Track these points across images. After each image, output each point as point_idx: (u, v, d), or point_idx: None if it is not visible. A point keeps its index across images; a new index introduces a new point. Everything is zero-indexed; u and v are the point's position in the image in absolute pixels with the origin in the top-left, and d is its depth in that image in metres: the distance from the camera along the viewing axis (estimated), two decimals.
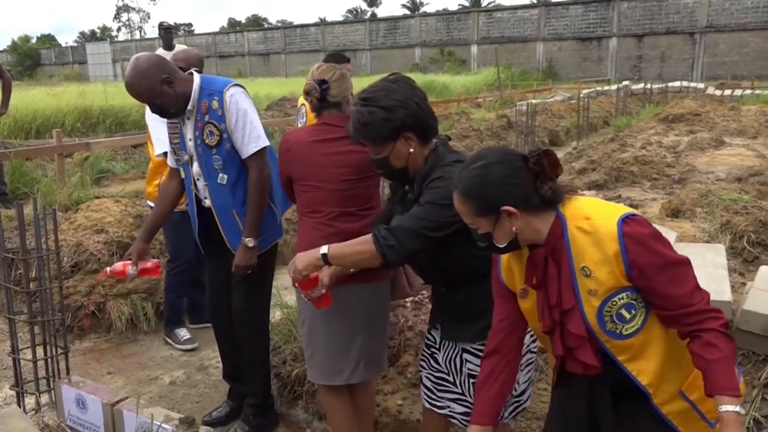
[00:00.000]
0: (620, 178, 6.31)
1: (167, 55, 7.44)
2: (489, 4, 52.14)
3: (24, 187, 6.56)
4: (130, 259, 2.76)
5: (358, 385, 2.47)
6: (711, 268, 3.14)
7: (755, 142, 8.43)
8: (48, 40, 66.00)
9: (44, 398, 3.02)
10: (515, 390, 2.09)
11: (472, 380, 2.06)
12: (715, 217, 4.09)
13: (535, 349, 2.14)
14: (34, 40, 62.03)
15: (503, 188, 1.54)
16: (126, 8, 76.62)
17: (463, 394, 2.12)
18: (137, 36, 70.01)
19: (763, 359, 2.85)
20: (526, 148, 9.01)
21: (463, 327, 2.04)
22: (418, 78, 24.46)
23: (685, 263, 1.52)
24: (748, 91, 17.73)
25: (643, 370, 1.56)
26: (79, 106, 11.33)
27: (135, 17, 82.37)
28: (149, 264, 2.83)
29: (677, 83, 20.67)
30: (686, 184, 5.65)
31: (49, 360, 2.98)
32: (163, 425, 2.44)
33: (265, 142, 2.67)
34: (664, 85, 20.35)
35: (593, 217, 1.55)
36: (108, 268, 2.78)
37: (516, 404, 2.14)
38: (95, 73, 46.32)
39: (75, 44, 60.79)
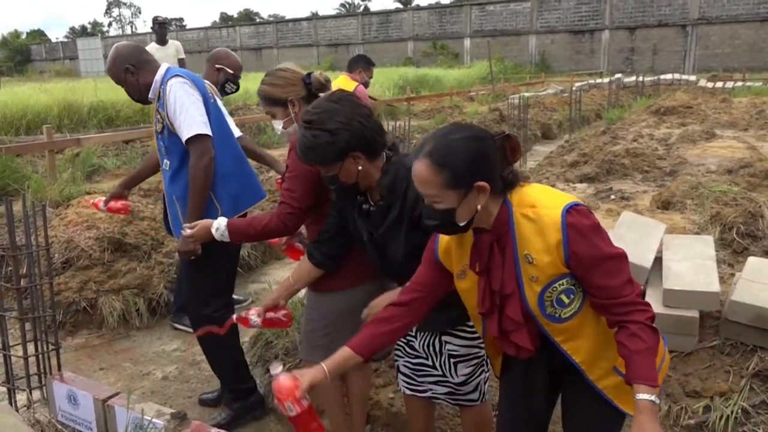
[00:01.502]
0: (612, 170, 6.32)
1: (161, 50, 7.43)
2: None
3: (14, 184, 6.53)
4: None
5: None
6: (700, 260, 3.16)
7: (746, 134, 8.47)
8: (38, 35, 65.47)
9: (36, 394, 3.02)
10: (454, 377, 2.15)
11: (452, 360, 2.13)
12: (705, 208, 4.12)
13: (483, 346, 2.12)
14: (24, 36, 61.48)
15: (479, 163, 1.54)
16: (117, 3, 76.18)
17: (444, 375, 2.18)
18: (128, 31, 69.73)
19: (751, 349, 2.89)
20: (519, 141, 9.02)
21: (438, 316, 2.05)
22: (411, 72, 24.49)
23: (621, 257, 1.58)
24: (740, 83, 17.78)
25: (578, 349, 1.64)
26: (69, 101, 11.24)
27: (126, 12, 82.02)
28: (119, 204, 3.23)
29: (669, 76, 20.68)
30: (677, 176, 5.67)
31: (40, 356, 2.98)
32: (154, 420, 2.45)
33: (199, 129, 2.73)
34: (656, 77, 20.40)
35: (538, 205, 1.58)
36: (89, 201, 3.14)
37: (452, 389, 2.19)
38: (86, 68, 45.95)
39: (66, 40, 60.43)
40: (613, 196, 5.16)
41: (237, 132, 3.71)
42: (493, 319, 1.68)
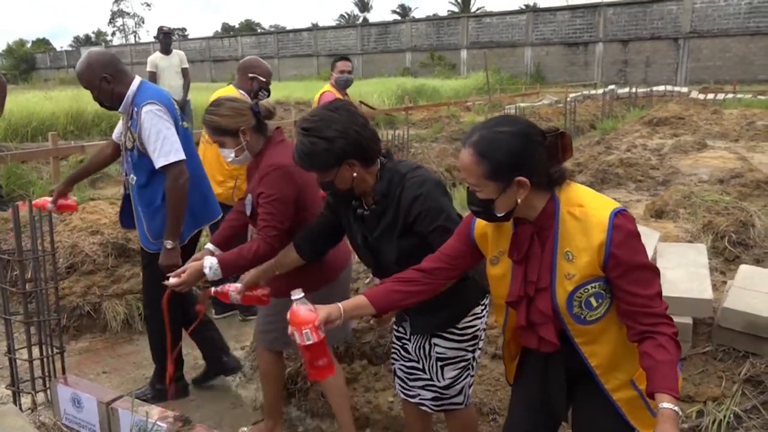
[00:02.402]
0: (606, 179, 6.40)
1: (165, 59, 7.52)
2: (478, 9, 52.36)
3: (20, 190, 6.56)
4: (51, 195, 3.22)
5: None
6: (693, 267, 3.22)
7: (737, 144, 8.57)
8: (43, 44, 65.37)
9: (40, 397, 3.04)
10: (440, 380, 2.18)
11: (440, 363, 2.17)
12: (698, 217, 4.18)
13: (471, 349, 2.20)
14: (29, 45, 61.43)
15: (522, 158, 1.55)
16: (121, 13, 76.15)
17: (431, 379, 2.21)
18: (132, 40, 69.67)
19: (743, 355, 2.94)
20: None
21: (429, 319, 2.13)
22: (409, 82, 24.58)
23: (655, 271, 1.60)
24: (730, 95, 17.97)
25: (596, 353, 1.66)
26: (73, 109, 11.28)
27: (129, 22, 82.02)
28: (69, 201, 3.29)
29: (662, 87, 20.84)
30: (670, 185, 5.75)
31: (45, 360, 3.00)
32: (158, 423, 2.47)
33: (176, 156, 2.89)
34: (648, 89, 20.55)
35: (586, 205, 1.60)
36: (19, 203, 3.05)
37: (438, 394, 2.21)
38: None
39: (70, 48, 60.34)
40: None
41: None
42: (521, 309, 1.69)
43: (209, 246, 2.63)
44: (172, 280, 2.48)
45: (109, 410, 2.69)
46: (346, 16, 68.76)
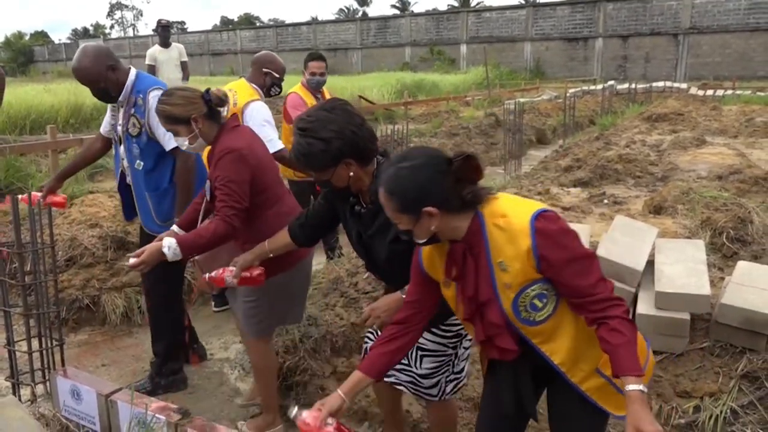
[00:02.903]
0: (605, 175, 6.40)
1: (164, 53, 7.48)
2: (477, 4, 52.21)
3: (18, 183, 6.54)
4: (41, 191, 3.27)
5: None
6: (691, 263, 3.23)
7: (735, 141, 8.58)
8: (41, 37, 65.16)
9: (39, 389, 3.05)
10: (417, 368, 2.24)
11: (420, 353, 2.23)
12: (696, 213, 4.19)
13: (452, 345, 2.24)
14: (27, 37, 61.23)
15: (426, 190, 1.62)
16: (119, 6, 75.81)
17: (409, 365, 2.27)
18: (130, 33, 69.49)
19: (740, 351, 2.95)
20: (514, 146, 9.11)
21: None
22: (408, 76, 24.54)
23: (591, 257, 1.65)
24: (730, 92, 17.94)
25: (556, 351, 1.70)
26: (72, 102, 11.27)
27: (128, 15, 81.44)
28: (58, 198, 3.34)
29: (661, 83, 20.84)
30: (668, 181, 5.75)
31: (44, 352, 3.01)
32: (157, 415, 2.48)
33: None
34: (648, 85, 20.54)
35: (509, 214, 1.65)
36: (20, 197, 3.07)
37: (456, 380, 2.30)
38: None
39: (68, 41, 60.11)
40: (606, 201, 5.23)
41: (278, 145, 3.78)
42: (477, 325, 1.76)
43: (174, 228, 2.71)
44: (132, 260, 2.54)
45: (108, 402, 2.70)
46: (346, 10, 68.57)
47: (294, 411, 1.84)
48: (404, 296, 2.06)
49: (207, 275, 2.56)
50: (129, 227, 4.57)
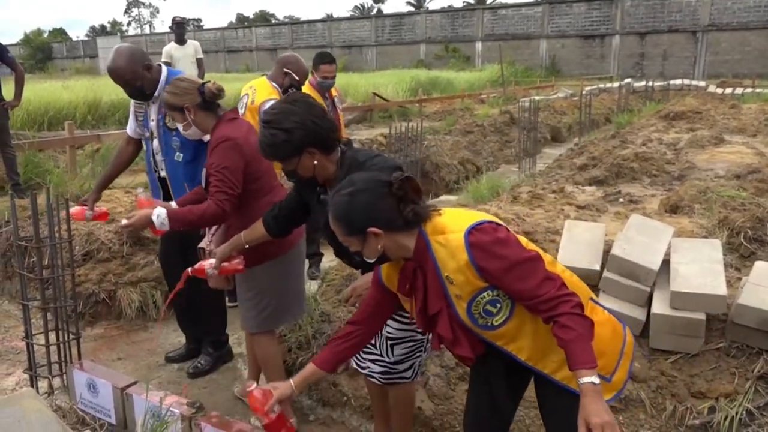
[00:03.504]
0: (620, 174, 6.33)
1: (180, 50, 7.56)
2: (493, 1, 51.96)
3: (37, 178, 6.61)
4: (85, 205, 3.34)
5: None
6: (707, 263, 3.19)
7: (755, 140, 8.44)
8: (59, 34, 65.84)
9: (56, 382, 3.10)
10: (389, 357, 2.39)
11: (389, 342, 2.37)
12: (713, 213, 4.13)
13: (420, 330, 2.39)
14: (46, 34, 61.93)
15: (368, 213, 1.72)
16: (136, 3, 76.54)
17: (381, 355, 2.41)
18: (147, 30, 70.05)
19: (756, 352, 2.91)
20: (529, 144, 9.07)
21: None
22: (423, 74, 24.49)
23: (530, 260, 1.70)
24: (749, 90, 17.69)
25: (521, 348, 1.78)
26: (89, 99, 11.37)
27: (145, 12, 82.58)
28: (100, 211, 3.42)
29: (679, 81, 20.59)
30: (685, 180, 5.68)
31: (61, 345, 3.06)
32: (171, 409, 2.51)
33: None
34: (665, 82, 20.32)
35: (447, 230, 1.73)
36: (71, 210, 3.20)
37: (387, 369, 2.41)
38: (105, 66, 46.22)
39: (86, 38, 60.70)
40: (621, 200, 5.18)
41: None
42: (433, 336, 1.85)
43: (172, 203, 2.88)
44: (123, 221, 2.70)
45: (123, 395, 2.74)
46: (361, 8, 68.56)
47: (253, 385, 1.99)
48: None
49: (189, 269, 2.67)
50: None
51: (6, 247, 4.72)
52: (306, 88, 4.68)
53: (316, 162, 2.19)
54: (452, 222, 1.76)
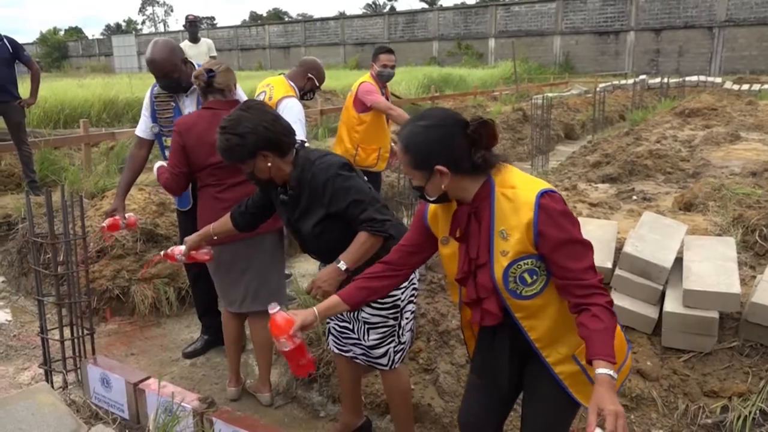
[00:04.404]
0: (634, 171, 6.29)
1: (193, 47, 7.71)
2: None
3: (52, 175, 6.69)
4: (113, 215, 3.43)
5: (252, 317, 3.14)
6: (721, 261, 3.16)
7: None
8: (75, 32, 66.53)
9: (71, 377, 3.13)
10: (366, 340, 2.48)
11: (366, 326, 2.47)
12: (728, 210, 4.10)
13: (416, 301, 2.61)
14: (62, 33, 62.60)
15: (438, 150, 1.69)
16: (151, 2, 77.12)
17: (359, 339, 2.52)
18: (161, 29, 70.56)
19: None
20: (542, 141, 9.02)
21: None
22: (436, 71, 24.44)
23: (586, 245, 1.70)
24: (767, 86, 17.47)
25: (535, 327, 1.77)
26: (105, 97, 11.49)
27: (159, 11, 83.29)
28: (132, 219, 3.53)
29: (694, 78, 20.36)
30: (700, 178, 5.63)
31: (75, 340, 3.09)
32: (183, 404, 2.53)
33: None
34: (681, 79, 20.10)
35: (518, 186, 1.72)
36: (104, 223, 3.39)
37: (402, 350, 2.55)
38: (121, 65, 46.57)
39: (101, 37, 61.24)
40: (635, 197, 5.15)
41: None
42: (469, 286, 1.82)
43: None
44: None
45: (136, 390, 2.76)
46: (373, 5, 68.51)
47: (276, 308, 1.94)
48: (341, 266, 2.29)
49: (162, 252, 2.94)
50: (158, 220, 4.65)
51: (22, 244, 4.78)
52: (368, 78, 4.84)
53: (269, 164, 2.34)
54: (524, 179, 1.75)
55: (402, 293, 2.44)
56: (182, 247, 2.84)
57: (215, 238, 2.77)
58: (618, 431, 1.46)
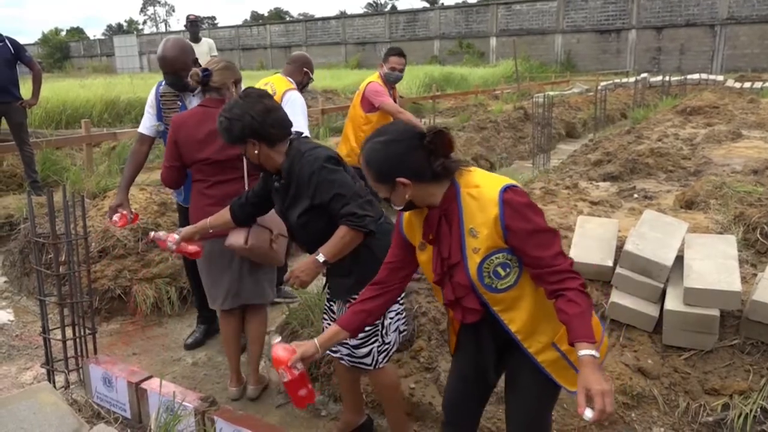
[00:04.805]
0: (635, 169, 6.28)
1: (194, 47, 7.78)
2: None
3: (54, 176, 6.71)
4: (118, 211, 3.43)
5: (249, 311, 3.18)
6: (722, 259, 3.15)
7: None
8: (77, 33, 66.69)
9: (73, 376, 3.15)
10: (385, 338, 2.52)
11: None
12: (729, 208, 4.09)
13: (402, 301, 2.64)
14: (63, 33, 62.72)
15: (398, 163, 1.78)
16: (152, 2, 77.22)
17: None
18: (162, 29, 70.66)
19: None
20: (543, 140, 9.01)
21: (341, 282, 2.52)
22: (437, 70, 24.43)
23: (553, 232, 1.79)
24: None
25: (514, 320, 1.85)
26: (106, 97, 11.53)
27: (160, 11, 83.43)
28: (135, 213, 3.57)
29: (696, 76, 20.31)
30: (701, 176, 5.61)
31: (77, 340, 3.10)
32: (184, 403, 2.54)
33: None
34: (683, 77, 20.04)
35: (482, 185, 1.81)
36: (115, 219, 3.40)
37: (386, 350, 2.56)
38: (122, 65, 46.63)
39: (103, 37, 61.30)
40: (636, 195, 5.14)
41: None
42: (446, 287, 1.89)
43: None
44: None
45: (138, 390, 2.77)
46: (374, 4, 68.49)
47: (277, 339, 2.02)
48: (319, 258, 2.37)
49: (152, 233, 2.93)
50: (159, 220, 4.66)
51: (24, 244, 4.79)
52: (376, 78, 4.89)
53: (257, 152, 2.43)
54: (486, 178, 1.84)
55: None
56: (176, 236, 2.84)
57: (211, 231, 2.80)
58: (606, 408, 1.54)
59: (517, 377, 1.98)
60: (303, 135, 2.60)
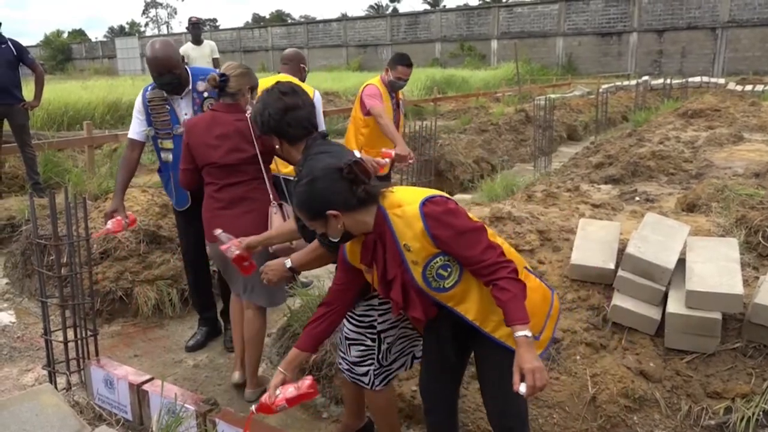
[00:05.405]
0: (637, 172, 6.28)
1: (196, 49, 7.83)
2: None
3: (56, 177, 6.72)
4: (113, 216, 3.43)
5: (248, 309, 3.20)
6: (724, 262, 3.15)
7: None
8: (79, 35, 66.85)
9: (74, 378, 3.14)
10: (349, 355, 2.52)
11: (347, 341, 2.53)
12: (731, 211, 4.08)
13: (397, 324, 2.53)
14: (65, 35, 62.88)
15: (325, 198, 1.91)
16: (154, 4, 77.37)
17: (344, 353, 2.58)
18: (164, 31, 70.75)
19: None
20: (544, 142, 9.02)
21: None
22: (438, 72, 24.45)
23: (477, 229, 1.93)
24: None
25: (469, 309, 2.02)
26: (108, 99, 11.56)
27: (162, 13, 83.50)
28: (131, 218, 3.57)
29: (697, 79, 20.33)
30: (703, 179, 5.61)
31: (79, 342, 3.10)
32: (186, 405, 2.55)
33: None
34: (684, 80, 20.07)
35: (403, 203, 1.95)
36: (108, 225, 3.38)
37: (386, 374, 2.52)
38: (124, 67, 46.76)
39: (105, 39, 61.55)
40: (637, 198, 5.14)
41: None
42: (393, 301, 2.07)
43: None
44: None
45: (139, 392, 2.77)
46: (376, 7, 68.59)
47: (218, 231, 2.40)
48: (287, 263, 2.49)
49: (218, 231, 2.82)
50: (161, 222, 4.66)
51: (25, 245, 4.79)
52: (376, 82, 4.91)
53: (277, 146, 2.56)
54: (407, 196, 1.98)
55: (379, 315, 2.44)
56: (239, 241, 2.75)
57: (275, 243, 2.84)
58: (537, 384, 1.75)
59: (483, 354, 2.17)
60: (325, 135, 2.59)
